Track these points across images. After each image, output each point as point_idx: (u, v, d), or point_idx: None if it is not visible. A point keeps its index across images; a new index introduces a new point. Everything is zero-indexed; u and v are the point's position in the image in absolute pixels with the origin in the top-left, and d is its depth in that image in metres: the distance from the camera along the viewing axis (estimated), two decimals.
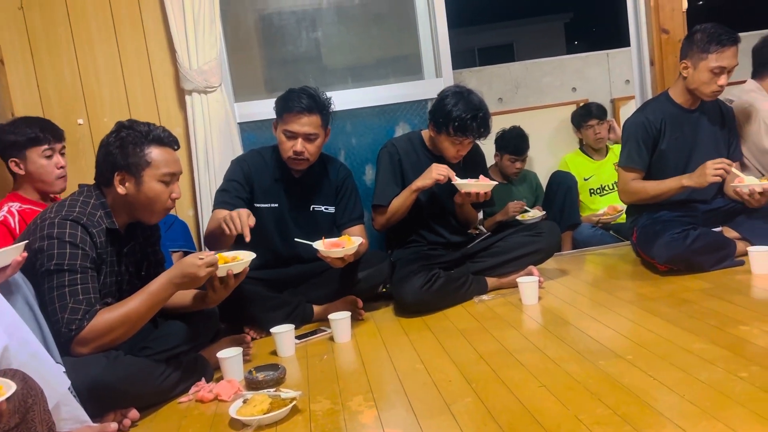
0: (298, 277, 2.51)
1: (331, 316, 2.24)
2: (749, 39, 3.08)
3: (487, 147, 2.88)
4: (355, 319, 2.39)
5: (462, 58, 12.46)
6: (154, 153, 1.83)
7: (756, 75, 2.90)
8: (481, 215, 3.39)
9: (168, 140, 1.87)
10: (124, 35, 2.84)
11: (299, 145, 2.36)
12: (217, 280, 1.84)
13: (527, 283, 2.39)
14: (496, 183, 2.49)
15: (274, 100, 2.45)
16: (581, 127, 3.77)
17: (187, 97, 2.82)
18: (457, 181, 2.46)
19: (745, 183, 2.42)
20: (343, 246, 2.20)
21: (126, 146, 1.80)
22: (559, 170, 3.76)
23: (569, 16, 15.28)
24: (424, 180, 2.49)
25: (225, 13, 2.97)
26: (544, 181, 3.76)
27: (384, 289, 2.67)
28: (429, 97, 3.05)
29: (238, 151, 2.86)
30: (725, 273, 2.45)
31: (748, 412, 1.39)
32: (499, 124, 3.61)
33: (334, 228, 2.54)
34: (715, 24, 2.54)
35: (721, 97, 2.69)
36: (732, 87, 2.81)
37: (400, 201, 2.58)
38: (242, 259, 1.88)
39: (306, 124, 2.36)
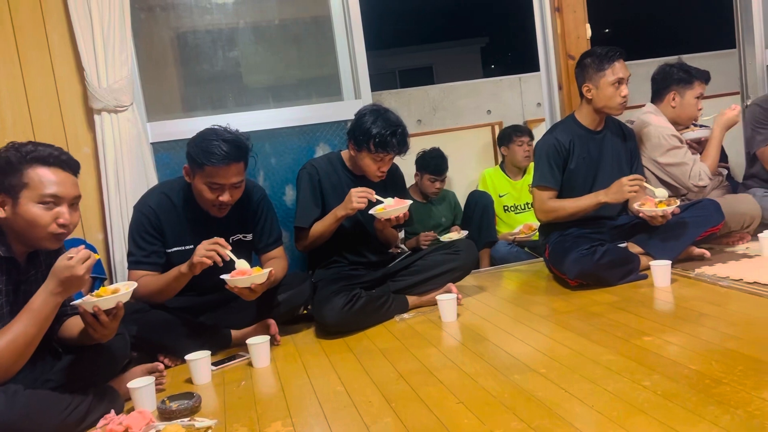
0: (215, 302, 2.44)
1: (249, 341, 2.19)
2: (648, 65, 3.31)
3: (404, 166, 2.91)
4: (273, 343, 2.35)
5: (383, 80, 12.66)
6: (34, 173, 1.69)
7: (654, 99, 3.12)
8: (402, 234, 3.44)
9: (56, 160, 1.73)
10: (28, 53, 2.70)
11: (226, 195, 2.25)
12: (88, 316, 1.72)
13: (446, 301, 2.43)
14: (411, 201, 2.52)
15: (189, 138, 2.29)
16: (511, 143, 3.84)
17: (96, 117, 2.71)
18: (374, 210, 2.47)
19: (649, 208, 2.57)
20: (249, 274, 2.13)
21: (5, 167, 1.69)
22: (476, 190, 3.87)
23: (485, 41, 15.85)
24: (346, 209, 2.50)
25: (137, 30, 2.89)
26: (462, 200, 3.85)
27: (305, 311, 2.64)
28: (348, 118, 3.06)
29: (151, 172, 2.76)
30: (631, 286, 2.58)
31: (650, 419, 1.46)
32: (418, 145, 3.68)
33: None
34: (597, 46, 2.77)
35: (622, 118, 2.86)
36: (633, 110, 3.00)
37: (323, 227, 2.58)
38: (121, 291, 1.75)
39: (233, 174, 2.23)
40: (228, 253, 2.14)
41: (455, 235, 3.43)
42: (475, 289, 2.88)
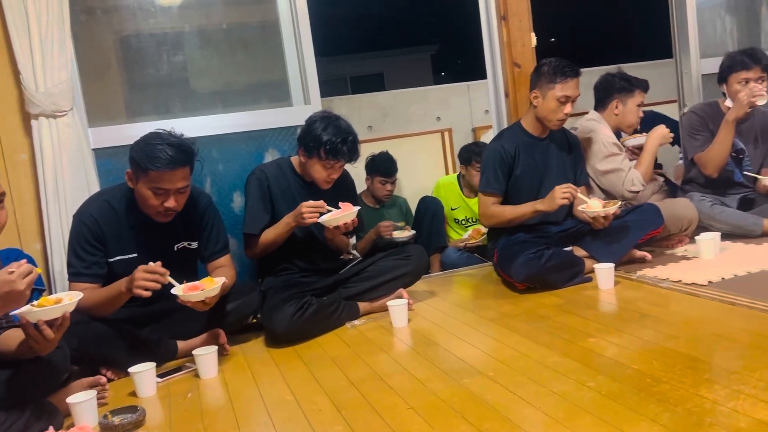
0: (160, 312, 2.37)
1: (195, 352, 2.14)
2: (593, 74, 3.40)
3: (354, 172, 2.91)
4: (222, 353, 2.30)
5: (334, 86, 12.65)
6: None
7: (597, 107, 3.22)
8: (353, 240, 3.43)
9: None
10: None
11: (171, 201, 2.19)
12: (30, 328, 1.64)
13: (397, 306, 2.43)
14: (359, 207, 2.52)
15: (132, 144, 2.23)
16: (470, 165, 3.81)
17: (34, 122, 2.60)
18: (322, 218, 2.45)
19: (591, 209, 2.64)
20: (202, 288, 2.08)
21: None
22: (427, 195, 3.90)
23: (435, 48, 16.04)
24: (296, 221, 2.47)
25: (78, 33, 2.80)
26: (412, 206, 3.88)
27: (254, 320, 2.60)
28: (298, 124, 3.05)
29: (93, 179, 2.67)
30: (576, 289, 2.64)
31: (595, 419, 1.49)
32: (369, 151, 3.70)
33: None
34: (559, 58, 2.79)
35: (566, 125, 2.93)
36: (577, 117, 3.08)
37: (274, 235, 2.54)
38: (65, 301, 1.68)
39: (179, 179, 2.17)
40: (169, 279, 2.06)
41: (406, 233, 3.47)
42: (426, 294, 2.90)
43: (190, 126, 2.74)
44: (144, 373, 2.02)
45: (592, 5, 14.19)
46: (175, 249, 2.36)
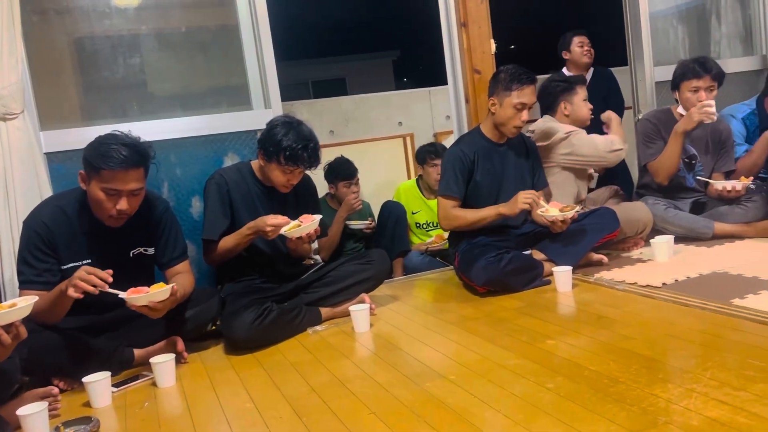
0: (116, 320, 2.31)
1: (152, 360, 2.09)
2: None
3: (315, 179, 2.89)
4: (180, 361, 2.26)
5: (296, 90, 12.61)
6: None
7: (547, 113, 3.27)
8: (315, 245, 3.40)
9: None
10: None
11: (124, 202, 2.13)
12: None
13: (359, 311, 2.43)
14: (320, 216, 2.50)
15: (85, 147, 2.17)
16: (425, 164, 3.88)
17: None
18: (284, 230, 2.43)
19: (549, 213, 2.69)
20: (147, 291, 2.03)
21: None
22: (389, 200, 3.90)
23: (397, 54, 16.12)
24: (258, 232, 2.44)
25: (29, 35, 2.72)
26: (375, 211, 3.87)
27: (214, 327, 2.56)
28: (258, 128, 3.01)
29: (45, 184, 2.60)
30: (535, 292, 2.68)
31: (554, 420, 1.51)
32: (331, 156, 3.68)
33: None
34: (516, 65, 2.83)
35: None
36: (529, 123, 3.13)
37: (234, 242, 2.51)
38: (18, 306, 1.63)
39: (132, 180, 2.12)
40: (109, 290, 1.98)
41: (366, 222, 3.49)
42: (389, 298, 2.90)
43: (148, 129, 2.69)
44: (98, 382, 1.97)
45: (551, 14, 14.47)
46: (131, 255, 2.31)
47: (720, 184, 3.06)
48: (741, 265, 2.63)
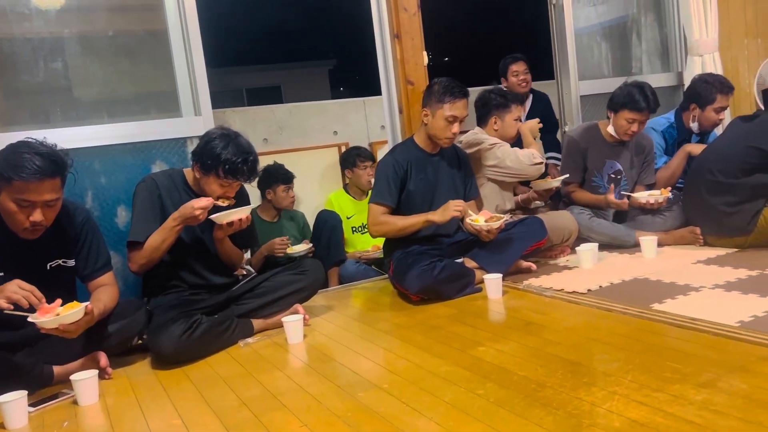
0: (34, 335, 2.19)
1: (73, 377, 2.00)
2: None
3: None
4: (103, 377, 2.17)
5: (230, 98, 12.39)
6: None
7: (479, 123, 3.35)
8: (248, 255, 3.35)
9: None
10: None
11: (38, 214, 2.03)
12: None
13: (292, 322, 2.40)
14: (252, 206, 2.47)
15: None
16: (355, 167, 3.90)
17: None
18: (213, 215, 2.39)
19: (478, 222, 2.75)
20: (58, 313, 1.94)
21: None
22: (324, 209, 3.89)
23: (333, 63, 16.13)
24: (185, 220, 2.38)
25: None
26: (310, 220, 3.85)
27: (140, 341, 2.46)
28: (187, 135, 2.96)
29: None
30: (467, 299, 2.72)
31: (484, 426, 1.54)
32: (265, 164, 3.63)
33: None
34: (450, 78, 2.88)
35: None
36: (460, 134, 3.20)
37: (160, 238, 2.41)
38: None
39: (46, 190, 2.01)
40: (15, 311, 1.91)
41: (304, 246, 3.44)
42: (323, 308, 2.88)
43: (72, 136, 2.59)
44: (13, 402, 1.86)
45: (484, 28, 14.86)
46: (48, 267, 2.20)
47: (643, 198, 3.20)
48: (660, 271, 2.76)
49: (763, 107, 3.25)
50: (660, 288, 2.53)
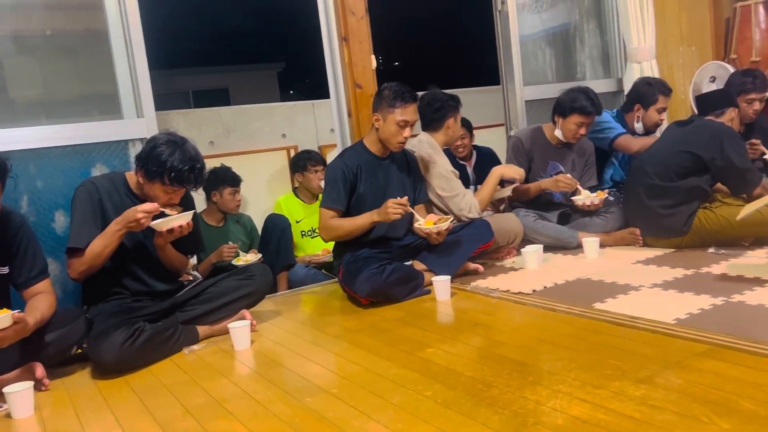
0: None
1: (5, 389, 1.91)
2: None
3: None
4: (39, 389, 2.08)
5: (176, 100, 12.15)
6: None
7: (432, 127, 3.36)
8: (194, 260, 3.28)
9: None
10: None
11: None
12: None
13: (238, 328, 2.36)
14: (193, 211, 2.42)
15: None
16: (305, 171, 3.86)
17: None
18: (154, 222, 2.33)
19: (425, 225, 2.77)
20: None
21: None
22: (273, 213, 3.85)
23: (282, 66, 16.00)
24: (128, 225, 2.31)
25: None
26: (258, 225, 3.80)
27: (79, 350, 2.38)
28: (129, 138, 2.87)
29: None
30: (416, 302, 2.74)
31: (432, 427, 1.55)
32: (210, 168, 3.57)
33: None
34: (400, 83, 2.89)
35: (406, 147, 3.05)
36: (411, 138, 3.21)
37: (101, 244, 2.33)
38: None
39: None
40: None
41: (252, 256, 3.38)
42: (271, 314, 2.84)
43: (6, 138, 2.50)
44: None
45: (433, 34, 15.03)
46: None
47: (581, 201, 3.30)
48: (602, 271, 2.84)
49: (697, 112, 3.39)
50: (602, 288, 2.60)
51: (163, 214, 2.35)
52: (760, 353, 1.75)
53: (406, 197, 2.75)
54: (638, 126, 3.65)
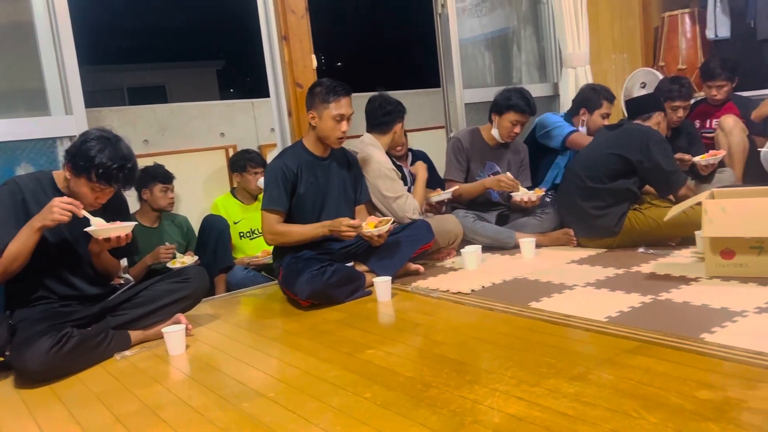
0: None
1: None
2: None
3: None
4: None
5: (109, 97, 11.72)
6: None
7: (371, 130, 3.37)
8: (125, 262, 3.16)
9: None
10: None
11: None
12: None
13: (173, 333, 2.29)
14: (135, 223, 2.34)
15: None
16: (245, 172, 3.80)
17: None
18: (92, 227, 2.24)
19: (366, 227, 2.77)
20: None
21: None
22: (210, 214, 3.76)
23: (221, 64, 15.70)
24: (44, 220, 2.19)
25: None
26: (195, 226, 3.71)
27: (2, 358, 2.25)
28: (57, 135, 2.75)
29: None
30: (357, 303, 2.73)
31: (370, 429, 1.54)
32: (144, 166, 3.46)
33: None
34: (330, 78, 2.89)
35: (346, 147, 3.04)
36: (353, 139, 3.21)
37: (18, 245, 2.19)
38: None
39: None
40: None
41: (188, 258, 3.29)
42: (208, 317, 2.77)
43: None
44: None
45: (375, 35, 15.09)
46: None
47: (518, 196, 3.39)
48: (538, 271, 2.91)
49: (627, 116, 3.52)
50: (538, 287, 2.66)
51: (86, 220, 2.24)
52: (686, 349, 1.83)
53: (358, 220, 2.80)
54: (582, 129, 3.76)
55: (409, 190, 3.40)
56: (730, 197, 2.55)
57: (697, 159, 3.48)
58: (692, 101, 3.88)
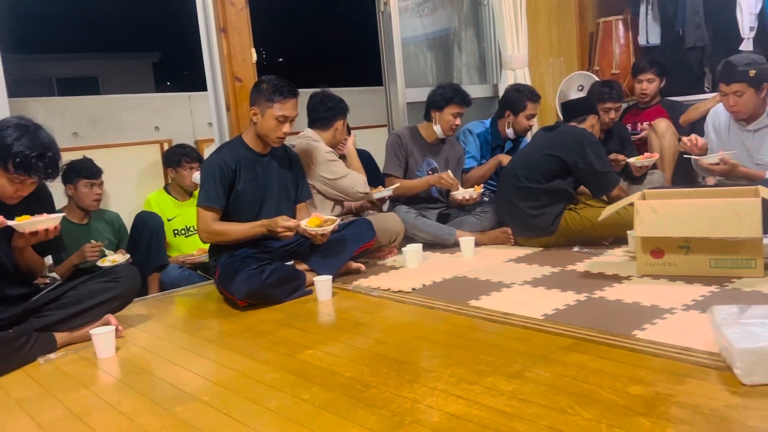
0: None
1: None
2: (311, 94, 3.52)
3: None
4: None
5: (38, 87, 11.16)
6: None
7: (312, 125, 3.33)
8: (50, 260, 3.01)
9: None
10: None
11: None
12: None
13: (101, 334, 2.19)
14: (63, 215, 2.23)
15: None
16: (179, 167, 3.67)
17: None
18: (14, 222, 2.11)
19: (310, 226, 2.73)
20: None
21: None
22: (144, 211, 3.62)
23: (158, 56, 15.22)
24: None
25: None
26: (127, 223, 3.56)
27: None
28: None
29: None
30: (297, 302, 2.69)
31: (307, 431, 1.51)
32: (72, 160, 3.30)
33: None
34: (279, 77, 2.82)
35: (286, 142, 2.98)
36: (294, 136, 3.16)
37: None
38: None
39: None
40: None
41: (119, 256, 3.15)
42: (141, 318, 2.67)
43: None
44: None
45: (318, 32, 14.97)
46: None
47: (459, 194, 3.43)
48: (477, 269, 2.94)
49: (562, 119, 3.61)
50: (477, 285, 2.69)
51: (7, 215, 2.11)
52: (618, 346, 1.88)
53: (295, 220, 2.77)
54: (509, 131, 3.82)
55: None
56: (660, 198, 2.65)
57: (632, 160, 3.60)
58: (624, 105, 4.01)
